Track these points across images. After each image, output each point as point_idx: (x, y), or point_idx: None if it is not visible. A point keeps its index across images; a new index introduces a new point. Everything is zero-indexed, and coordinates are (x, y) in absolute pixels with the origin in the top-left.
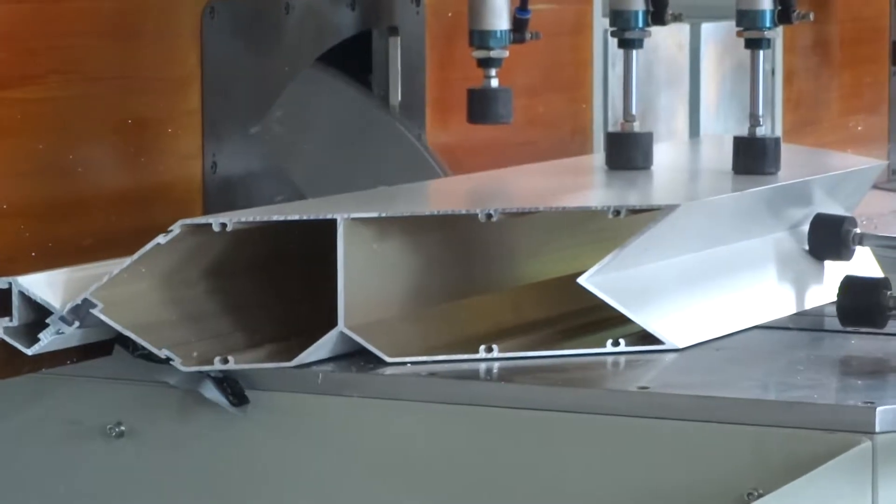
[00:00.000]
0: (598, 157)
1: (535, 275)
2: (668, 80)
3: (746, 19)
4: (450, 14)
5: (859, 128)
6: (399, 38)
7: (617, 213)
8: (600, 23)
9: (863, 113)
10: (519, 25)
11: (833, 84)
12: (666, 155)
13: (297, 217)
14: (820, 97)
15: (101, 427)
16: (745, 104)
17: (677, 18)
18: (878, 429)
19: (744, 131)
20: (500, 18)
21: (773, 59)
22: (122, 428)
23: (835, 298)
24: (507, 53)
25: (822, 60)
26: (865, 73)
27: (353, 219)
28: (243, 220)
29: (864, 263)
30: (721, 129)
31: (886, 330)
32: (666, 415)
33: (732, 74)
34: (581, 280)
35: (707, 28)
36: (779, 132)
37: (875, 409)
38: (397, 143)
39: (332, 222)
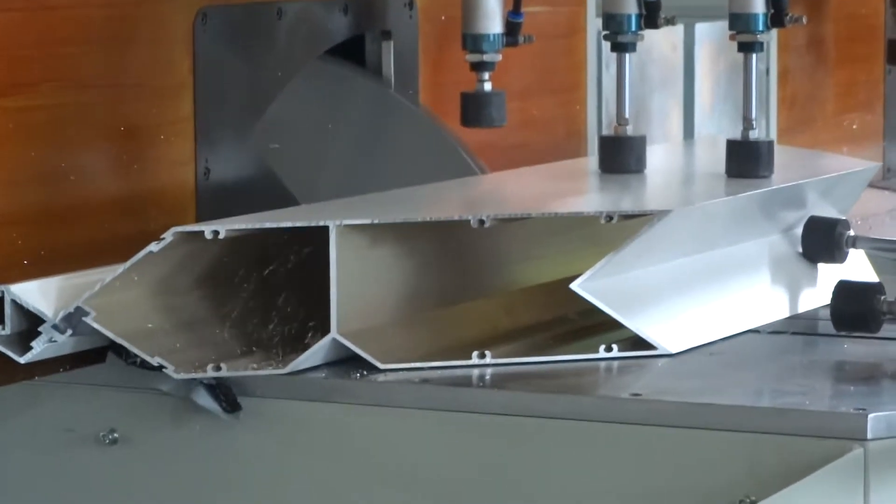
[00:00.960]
0: (592, 160)
1: (528, 279)
2: (662, 80)
3: (739, 23)
4: (443, 17)
5: (854, 126)
6: (392, 43)
7: (609, 218)
8: (594, 24)
9: (858, 111)
10: (512, 29)
11: (828, 82)
12: (659, 158)
13: (289, 224)
14: (815, 96)
15: (95, 434)
16: (740, 104)
17: (670, 22)
18: (869, 436)
19: (738, 132)
20: (493, 22)
21: (768, 58)
22: (116, 435)
23: (829, 301)
24: (500, 57)
25: (816, 59)
26: (860, 71)
27: (346, 225)
28: (235, 227)
29: (857, 266)
30: (716, 129)
31: (880, 334)
32: (658, 422)
33: (727, 74)
34: (574, 286)
35: (701, 28)
36: (773, 131)
37: (867, 415)
38: (420, 132)
39: (325, 229)
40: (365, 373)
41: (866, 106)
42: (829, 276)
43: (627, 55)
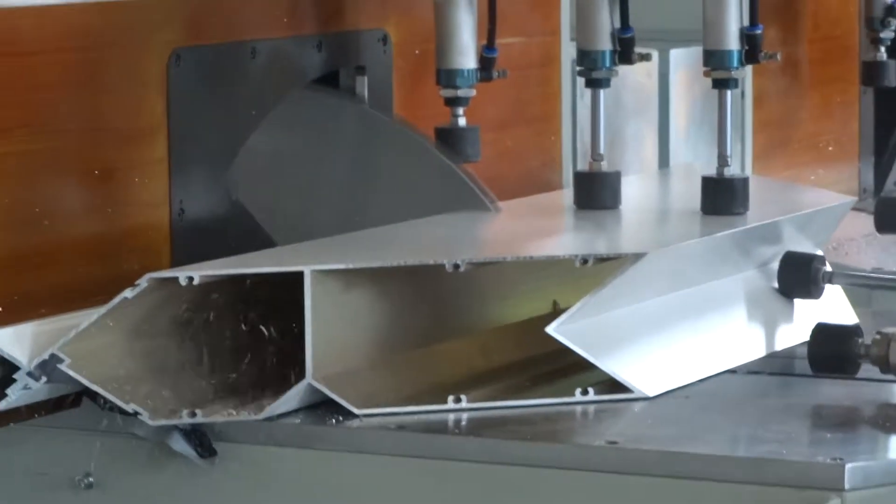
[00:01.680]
0: (567, 193)
1: (505, 317)
2: (637, 107)
3: (714, 60)
4: (417, 52)
5: (830, 147)
6: (366, 78)
7: (584, 261)
8: (568, 53)
9: (833, 133)
10: (486, 64)
11: (803, 104)
12: (635, 191)
13: (263, 270)
14: (790, 118)
15: (70, 478)
16: (716, 131)
17: (644, 58)
18: (847, 486)
19: (714, 158)
20: (466, 57)
21: (743, 82)
22: (91, 479)
23: (806, 337)
24: (473, 92)
25: (791, 81)
26: (835, 92)
27: (320, 270)
28: (210, 273)
29: (834, 301)
30: (692, 154)
31: (858, 375)
32: (635, 470)
33: (703, 99)
34: (549, 329)
35: (676, 54)
36: (749, 155)
37: (844, 465)
38: (408, 155)
39: (300, 273)
40: (340, 418)
41: (841, 127)
42: (805, 311)
43: (602, 91)
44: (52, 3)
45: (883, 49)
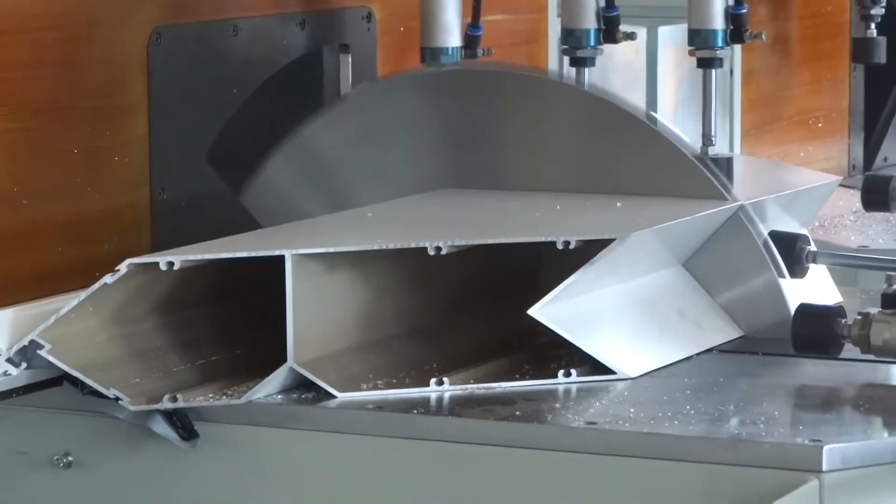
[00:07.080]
0: None
1: (489, 298)
2: (625, 84)
3: (698, 39)
4: (401, 29)
5: (820, 124)
6: (350, 56)
7: (567, 244)
8: (555, 30)
9: (823, 109)
10: (471, 42)
11: (792, 81)
12: None
13: (244, 254)
14: (779, 95)
15: (49, 457)
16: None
17: (629, 37)
18: (825, 467)
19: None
20: (451, 35)
21: (732, 59)
22: (70, 458)
23: (790, 318)
24: None
25: (781, 58)
26: (825, 69)
27: (301, 254)
28: (191, 258)
29: (818, 280)
30: (680, 130)
31: (841, 355)
32: (614, 451)
33: (691, 76)
34: (532, 311)
35: (664, 31)
36: (738, 133)
37: (822, 447)
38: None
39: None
40: (322, 398)
41: (831, 104)
42: (789, 290)
43: (586, 69)
44: None
45: (873, 26)
